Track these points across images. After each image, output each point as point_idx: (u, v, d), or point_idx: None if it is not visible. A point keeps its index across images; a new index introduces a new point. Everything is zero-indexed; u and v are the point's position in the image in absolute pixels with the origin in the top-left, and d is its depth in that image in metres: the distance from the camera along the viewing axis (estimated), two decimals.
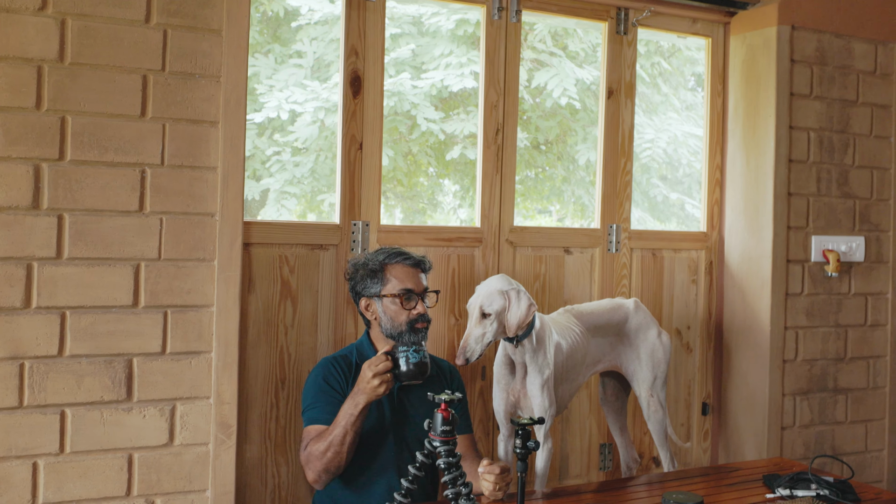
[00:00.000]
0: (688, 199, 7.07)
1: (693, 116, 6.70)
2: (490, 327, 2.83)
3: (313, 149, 6.09)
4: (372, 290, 2.86)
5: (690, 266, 4.02)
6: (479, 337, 2.82)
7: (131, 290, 2.71)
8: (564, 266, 3.70)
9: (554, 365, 2.98)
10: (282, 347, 3.15)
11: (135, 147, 2.70)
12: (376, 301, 2.86)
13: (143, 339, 2.73)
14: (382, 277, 2.85)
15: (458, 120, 6.33)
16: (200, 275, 2.80)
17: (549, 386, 2.93)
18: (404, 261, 2.89)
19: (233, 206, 2.83)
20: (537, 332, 2.94)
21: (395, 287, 2.84)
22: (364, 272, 2.88)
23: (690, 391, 4.05)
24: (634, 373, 3.28)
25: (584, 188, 6.87)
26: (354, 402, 2.62)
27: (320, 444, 2.65)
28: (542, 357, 2.93)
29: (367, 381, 2.59)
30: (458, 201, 7.14)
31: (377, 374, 2.58)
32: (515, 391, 2.98)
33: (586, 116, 6.63)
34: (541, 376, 2.93)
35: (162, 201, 2.74)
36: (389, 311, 2.84)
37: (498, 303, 2.84)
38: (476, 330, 2.83)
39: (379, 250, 2.93)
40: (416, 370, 2.61)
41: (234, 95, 2.84)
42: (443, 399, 2.33)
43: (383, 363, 2.59)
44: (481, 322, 2.83)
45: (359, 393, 2.62)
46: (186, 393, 2.79)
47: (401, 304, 2.83)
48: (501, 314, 2.83)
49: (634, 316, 3.28)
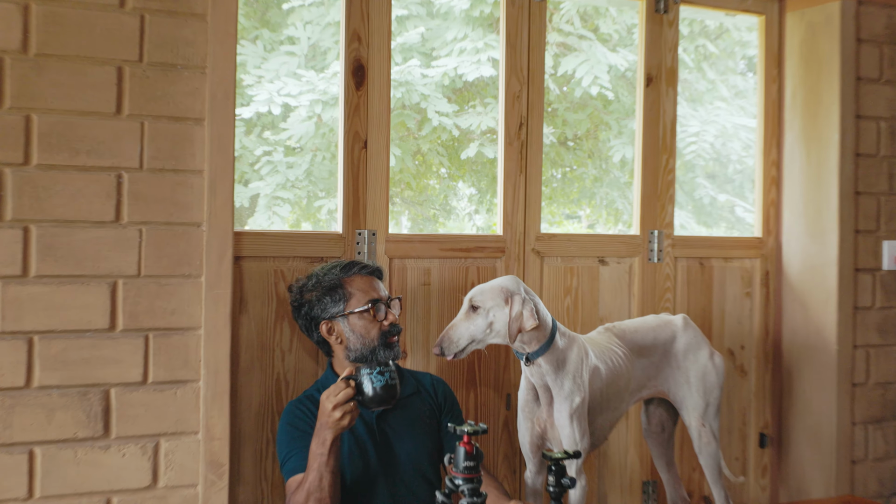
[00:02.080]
0: (739, 201, 7.07)
1: (744, 106, 6.71)
2: (476, 324, 2.84)
3: (309, 148, 6.12)
4: (333, 311, 2.90)
5: (743, 277, 4.02)
6: (463, 332, 2.84)
7: (107, 311, 2.73)
8: (599, 278, 3.71)
9: (591, 391, 2.98)
10: (279, 375, 3.17)
11: (110, 149, 2.72)
12: (340, 321, 2.90)
13: (122, 366, 2.74)
14: (344, 293, 2.90)
15: (475, 113, 6.35)
16: (186, 293, 2.82)
17: (580, 415, 2.93)
18: (361, 270, 2.95)
19: (222, 214, 2.85)
20: (561, 353, 2.93)
21: (361, 300, 2.89)
22: (319, 292, 2.92)
23: (746, 420, 4.05)
24: (683, 399, 3.28)
25: (618, 189, 6.88)
26: (321, 440, 2.62)
27: (299, 496, 2.66)
28: (571, 381, 2.93)
29: (327, 413, 2.59)
30: (473, 206, 7.15)
31: (337, 405, 2.57)
32: (542, 421, 2.98)
33: (621, 108, 6.64)
34: (569, 404, 2.93)
35: (141, 210, 2.76)
36: (358, 329, 2.89)
37: (493, 299, 2.85)
38: (462, 324, 2.85)
39: (328, 266, 2.97)
40: (383, 394, 2.60)
41: (221, 88, 2.86)
42: (465, 431, 2.32)
43: (343, 391, 2.58)
44: (469, 316, 2.85)
45: (322, 429, 2.62)
46: (171, 428, 2.80)
47: (372, 317, 2.87)
48: (493, 313, 2.84)
49: (683, 334, 3.29)
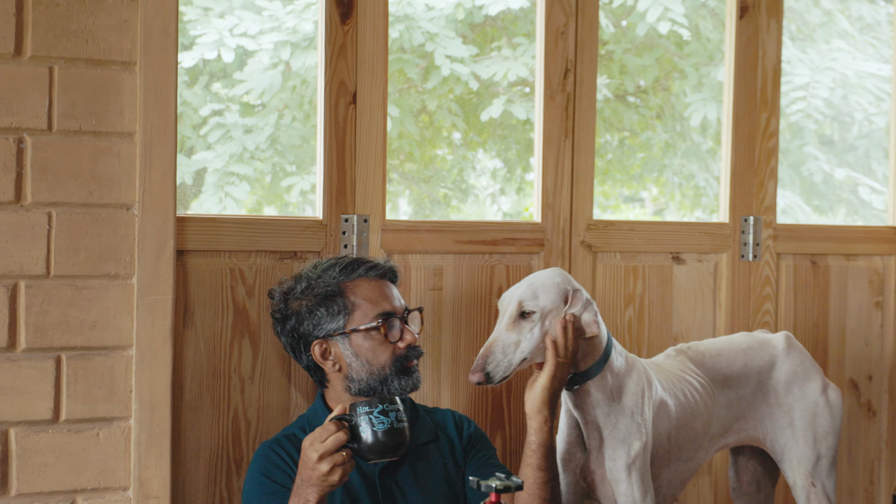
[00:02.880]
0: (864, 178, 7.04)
1: (874, 44, 6.67)
2: (528, 336, 2.83)
3: (274, 106, 6.12)
4: (329, 327, 2.88)
5: (872, 281, 4.03)
6: (511, 346, 2.82)
7: (5, 324, 2.74)
8: (673, 283, 3.72)
9: (656, 434, 2.99)
10: (237, 411, 3.19)
11: (6, 103, 2.74)
12: (339, 341, 2.88)
13: (24, 399, 2.76)
14: (344, 304, 2.88)
15: (500, 59, 6.34)
16: (111, 300, 2.84)
17: (640, 465, 2.95)
18: (369, 272, 2.93)
19: (160, 192, 2.87)
20: (617, 378, 2.95)
21: (369, 313, 2.88)
22: (310, 301, 2.89)
23: (874, 478, 4.06)
24: (785, 448, 3.29)
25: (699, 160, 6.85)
26: (301, 501, 2.59)
27: None
28: (628, 419, 2.94)
29: (311, 465, 2.55)
30: (498, 185, 7.14)
31: (325, 454, 2.53)
32: (589, 472, 3.00)
33: (702, 49, 6.63)
34: (626, 449, 2.94)
35: (50, 186, 2.78)
36: (364, 352, 2.87)
37: (549, 298, 2.85)
38: (507, 336, 2.83)
39: (324, 265, 2.95)
40: (386, 441, 2.55)
41: (158, 21, 2.87)
42: (493, 487, 2.33)
43: (332, 437, 2.54)
44: (516, 324, 2.84)
45: (304, 485, 2.59)
46: (92, 482, 2.82)
47: (383, 337, 2.87)
48: (551, 319, 2.85)
49: (786, 360, 3.30)
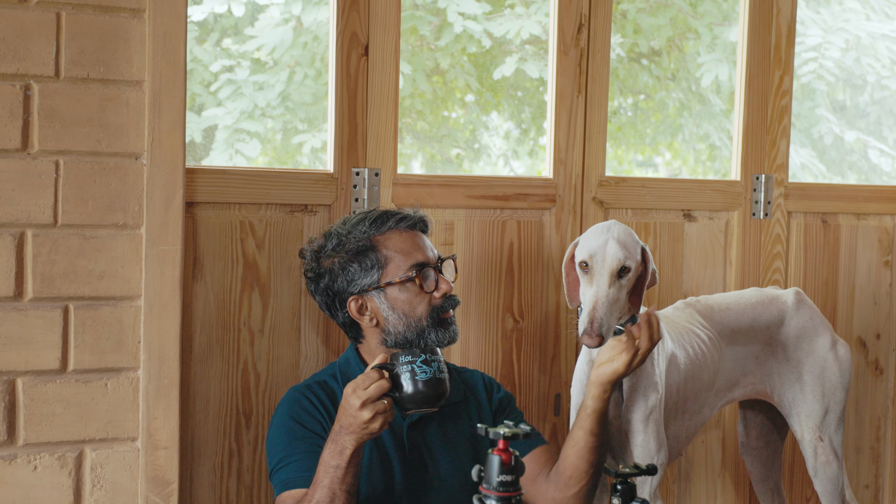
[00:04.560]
0: (874, 142, 7.04)
1: (887, 7, 6.66)
2: (622, 291, 2.84)
3: (285, 63, 6.12)
4: (364, 282, 2.86)
5: (882, 240, 4.01)
6: (613, 302, 2.82)
7: (11, 273, 2.74)
8: (684, 239, 3.71)
9: (667, 387, 2.99)
10: (246, 364, 3.18)
11: (14, 49, 2.72)
12: (375, 296, 2.87)
13: (31, 349, 2.75)
14: (377, 258, 2.87)
15: (513, 16, 6.34)
16: (120, 250, 2.83)
17: (656, 417, 2.95)
18: (399, 223, 2.91)
19: (169, 142, 2.85)
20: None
21: (403, 265, 2.86)
22: (343, 258, 2.88)
23: (880, 435, 4.06)
24: (793, 403, 3.29)
25: (712, 121, 6.86)
26: (338, 448, 2.58)
27: None
28: (647, 370, 2.94)
29: (352, 412, 2.54)
30: (512, 145, 7.15)
31: (367, 401, 2.52)
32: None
33: (716, 9, 6.62)
34: (644, 402, 2.94)
35: (58, 134, 2.77)
36: (400, 305, 2.86)
37: (637, 254, 2.86)
38: (608, 291, 2.82)
39: (354, 220, 2.93)
40: (427, 391, 2.55)
41: None
42: (501, 434, 2.30)
43: (375, 384, 2.52)
44: (616, 281, 2.83)
45: (343, 432, 2.57)
46: (100, 432, 2.82)
47: (419, 288, 2.87)
48: (633, 274, 2.86)
49: (795, 315, 3.29)
